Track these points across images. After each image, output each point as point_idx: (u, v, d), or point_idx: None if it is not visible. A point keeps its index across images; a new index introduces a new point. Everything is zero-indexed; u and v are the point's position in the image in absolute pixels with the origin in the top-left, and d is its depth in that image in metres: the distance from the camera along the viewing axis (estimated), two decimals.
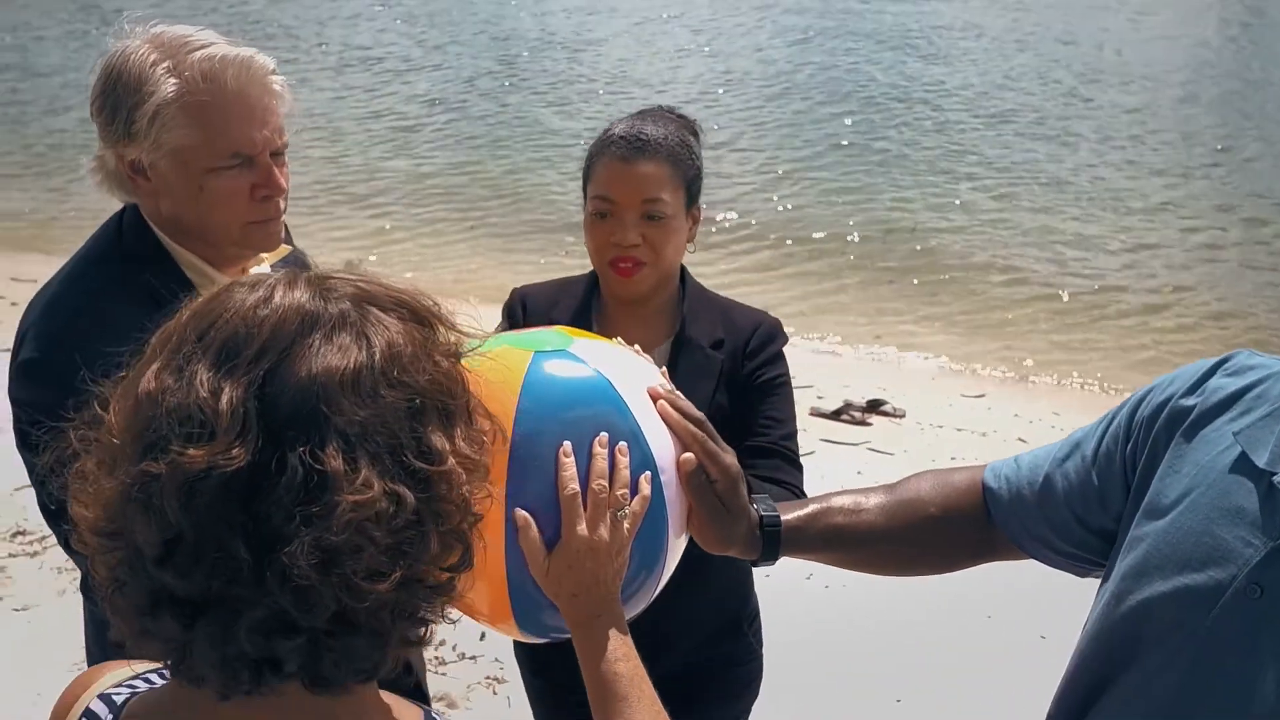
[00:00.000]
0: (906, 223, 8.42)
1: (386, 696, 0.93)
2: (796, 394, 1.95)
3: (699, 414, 1.29)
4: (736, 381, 1.86)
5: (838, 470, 4.68)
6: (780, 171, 9.55)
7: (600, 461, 1.17)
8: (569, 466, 1.16)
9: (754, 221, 8.32)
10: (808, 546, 1.40)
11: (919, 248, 7.96)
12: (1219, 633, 1.06)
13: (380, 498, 0.77)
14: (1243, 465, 1.10)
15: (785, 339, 1.93)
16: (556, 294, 1.92)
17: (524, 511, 1.16)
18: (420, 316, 0.87)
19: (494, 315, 1.90)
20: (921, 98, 11.94)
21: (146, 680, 0.91)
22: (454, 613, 1.00)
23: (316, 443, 0.76)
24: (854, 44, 14.41)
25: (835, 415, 5.35)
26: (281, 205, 1.59)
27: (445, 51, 14.17)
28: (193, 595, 0.76)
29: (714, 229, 7.89)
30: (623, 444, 1.19)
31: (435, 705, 2.53)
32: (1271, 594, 1.04)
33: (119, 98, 1.49)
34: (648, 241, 1.76)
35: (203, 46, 1.51)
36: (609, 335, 1.83)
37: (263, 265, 1.67)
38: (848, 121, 11.01)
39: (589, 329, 1.86)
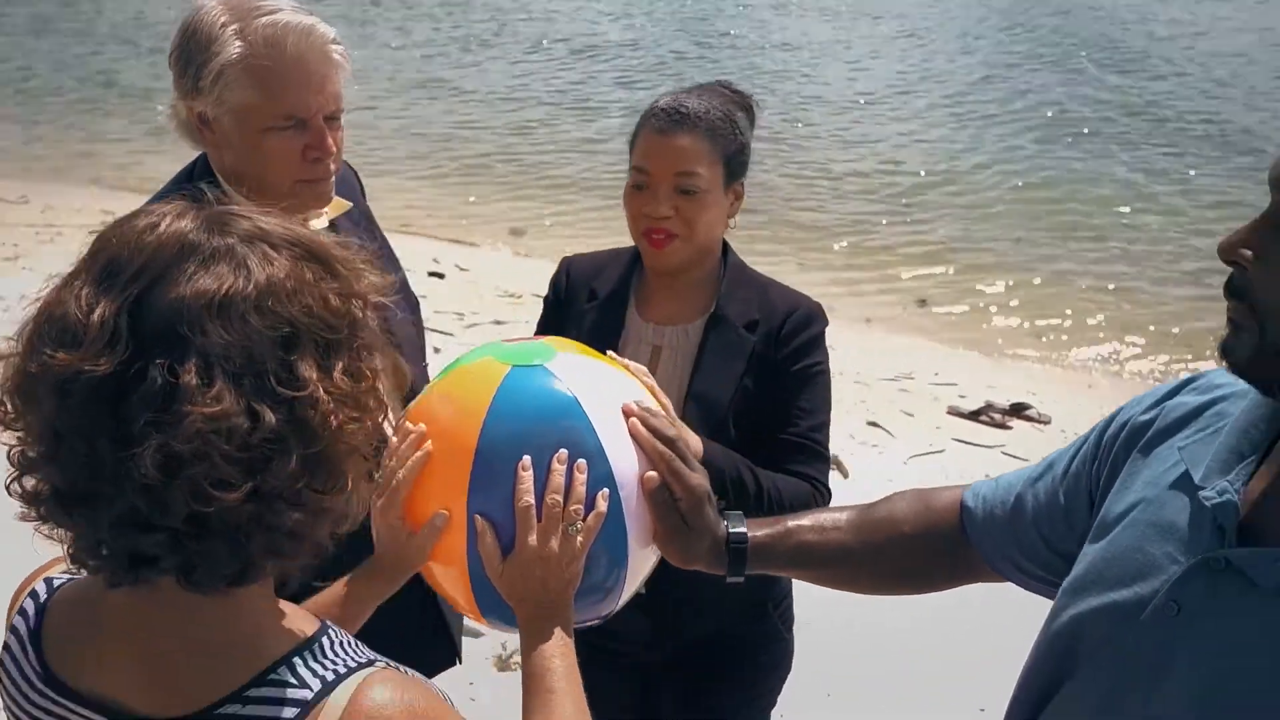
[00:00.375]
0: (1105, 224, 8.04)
1: (286, 607, 1.02)
2: (936, 391, 1.91)
3: (670, 433, 1.34)
4: (767, 366, 1.84)
5: (966, 470, 4.56)
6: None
7: (557, 477, 1.24)
8: (526, 480, 1.24)
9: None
10: (776, 563, 1.44)
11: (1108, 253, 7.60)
12: (1139, 650, 1.04)
13: (233, 414, 0.85)
14: (1182, 481, 1.07)
15: (824, 324, 1.90)
16: (602, 264, 1.97)
17: (483, 518, 1.25)
18: (316, 257, 0.95)
19: None
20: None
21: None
22: None
23: (176, 359, 0.85)
24: None
25: (974, 415, 5.19)
26: (332, 167, 1.70)
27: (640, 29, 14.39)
28: (66, 488, 0.87)
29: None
30: (581, 461, 1.26)
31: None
32: (1188, 611, 1.00)
33: (191, 54, 1.64)
34: (680, 214, 1.78)
35: (269, 13, 1.64)
36: (647, 307, 1.88)
37: (321, 220, 1.80)
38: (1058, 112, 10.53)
39: (626, 300, 1.91)
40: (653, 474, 1.32)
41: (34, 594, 1.03)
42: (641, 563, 1.38)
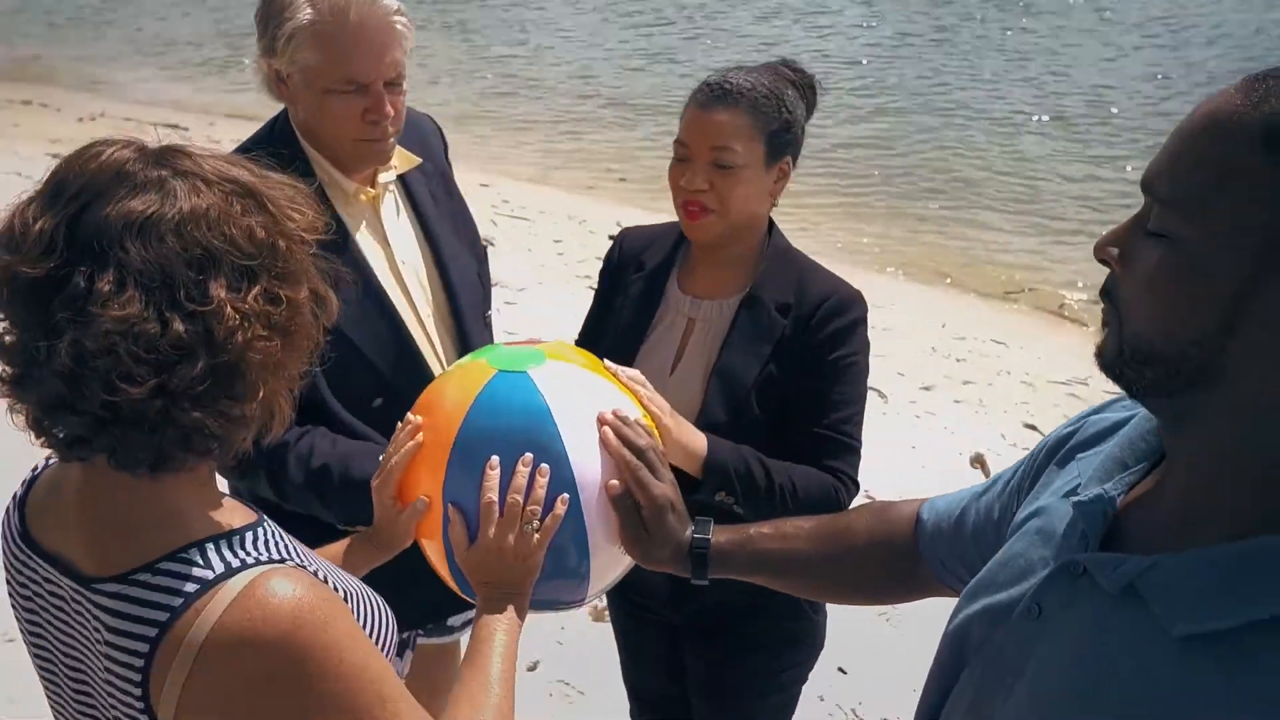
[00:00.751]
0: None
1: (228, 502, 1.16)
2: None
3: (640, 443, 1.45)
4: (795, 352, 1.83)
5: None
6: None
7: (519, 479, 1.38)
8: (491, 478, 1.38)
9: None
10: (739, 569, 1.49)
11: None
12: (1003, 651, 1.03)
13: (141, 320, 0.99)
14: (1071, 491, 1.06)
15: (862, 313, 1.87)
16: (654, 237, 2.02)
17: (454, 508, 1.40)
18: (248, 193, 1.08)
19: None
20: None
21: None
22: None
23: (98, 269, 0.99)
24: None
25: None
26: (390, 130, 1.83)
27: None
28: (13, 372, 1.04)
29: None
30: (545, 466, 1.39)
31: None
32: (1047, 614, 0.99)
33: (269, 15, 1.80)
34: (715, 189, 1.79)
35: None
36: (688, 280, 1.92)
37: (389, 174, 1.94)
38: None
39: (669, 272, 1.95)
40: (614, 482, 1.44)
41: (33, 470, 1.23)
42: (612, 557, 1.49)
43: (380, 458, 1.52)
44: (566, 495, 1.40)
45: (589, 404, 1.47)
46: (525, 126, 9.95)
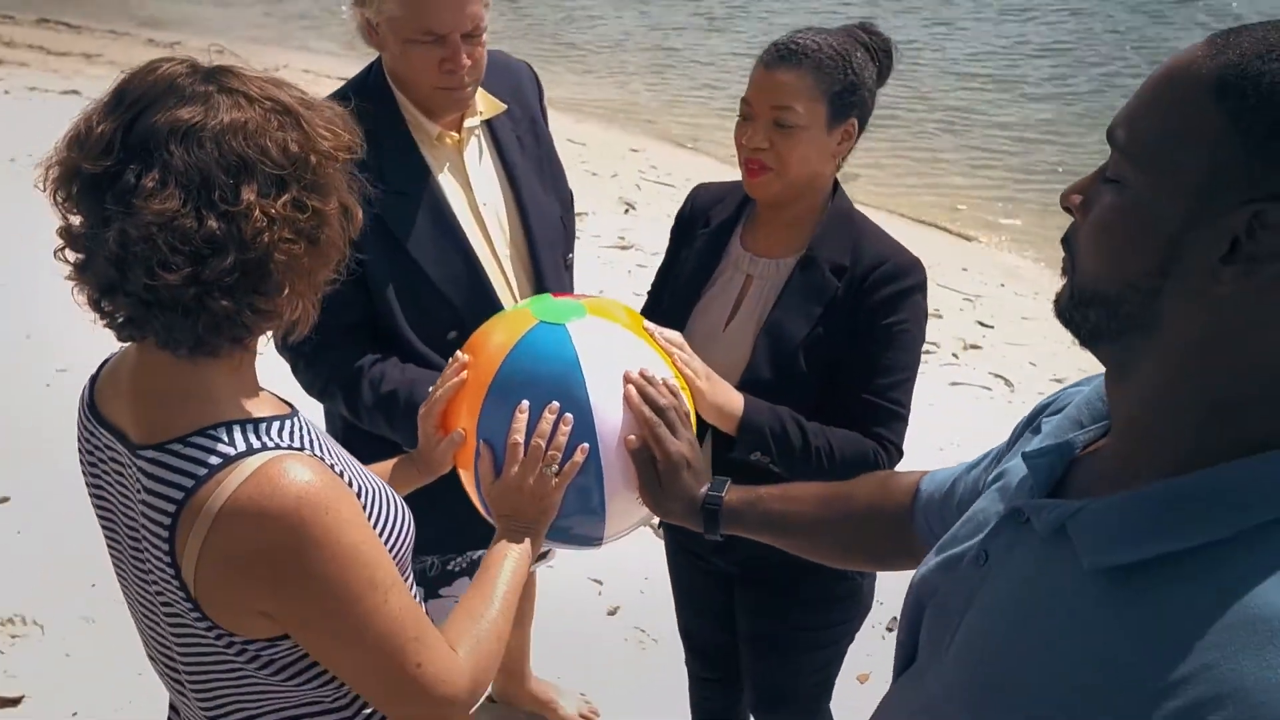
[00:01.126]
0: None
1: (265, 391, 1.30)
2: None
3: (662, 402, 1.55)
4: (845, 315, 1.84)
5: None
6: None
7: (544, 424, 1.49)
8: (519, 421, 1.50)
9: None
10: (748, 527, 1.57)
11: None
12: (951, 600, 1.05)
13: (180, 214, 1.12)
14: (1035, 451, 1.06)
15: (918, 280, 1.87)
16: (724, 194, 2.06)
17: (484, 444, 1.53)
18: (287, 112, 1.20)
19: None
20: None
21: None
22: None
23: (145, 167, 1.13)
24: None
25: None
26: (466, 79, 1.93)
27: None
28: (76, 255, 1.19)
29: None
30: (569, 415, 1.50)
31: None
32: (994, 560, 1.01)
33: None
34: (774, 148, 1.82)
35: None
36: (750, 237, 1.97)
37: (475, 119, 2.06)
38: None
39: (733, 229, 2.00)
40: (632, 437, 1.54)
41: (110, 355, 1.39)
42: (629, 503, 1.60)
43: (431, 388, 1.65)
44: (586, 445, 1.51)
45: (619, 360, 1.57)
46: (678, 98, 10.00)
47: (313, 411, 1.58)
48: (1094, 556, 0.87)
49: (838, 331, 1.85)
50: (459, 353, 1.64)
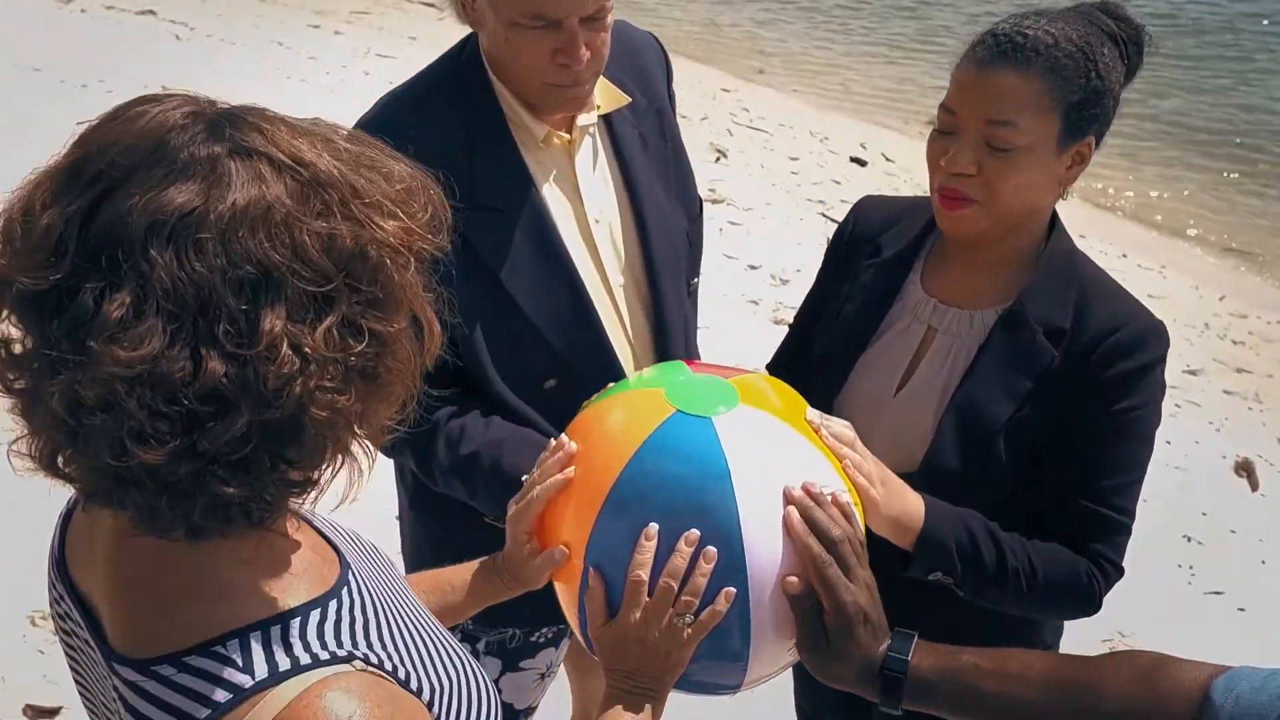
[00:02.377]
0: None
1: (301, 554, 0.92)
2: None
3: (835, 534, 1.15)
4: (1064, 394, 1.43)
5: None
6: None
7: (679, 559, 1.14)
8: (646, 550, 1.14)
9: None
10: (939, 704, 1.20)
11: None
12: None
13: (163, 359, 0.73)
14: None
15: (1161, 353, 1.44)
16: (897, 215, 1.62)
17: (595, 572, 1.17)
18: (333, 186, 0.79)
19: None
20: None
21: None
22: None
23: (110, 285, 0.73)
24: None
25: None
26: (585, 75, 1.52)
27: None
28: (23, 389, 0.80)
29: None
30: (711, 550, 1.14)
31: None
32: None
33: None
34: (984, 173, 1.39)
35: None
36: (934, 278, 1.54)
37: (590, 115, 1.64)
38: None
39: (912, 264, 1.57)
40: (794, 579, 1.16)
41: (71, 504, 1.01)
42: (780, 650, 1.22)
43: (530, 471, 1.27)
44: (733, 590, 1.13)
45: (779, 471, 1.18)
46: (778, 44, 9.28)
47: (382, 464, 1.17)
48: None
49: (1051, 415, 1.44)
50: (564, 437, 1.26)
